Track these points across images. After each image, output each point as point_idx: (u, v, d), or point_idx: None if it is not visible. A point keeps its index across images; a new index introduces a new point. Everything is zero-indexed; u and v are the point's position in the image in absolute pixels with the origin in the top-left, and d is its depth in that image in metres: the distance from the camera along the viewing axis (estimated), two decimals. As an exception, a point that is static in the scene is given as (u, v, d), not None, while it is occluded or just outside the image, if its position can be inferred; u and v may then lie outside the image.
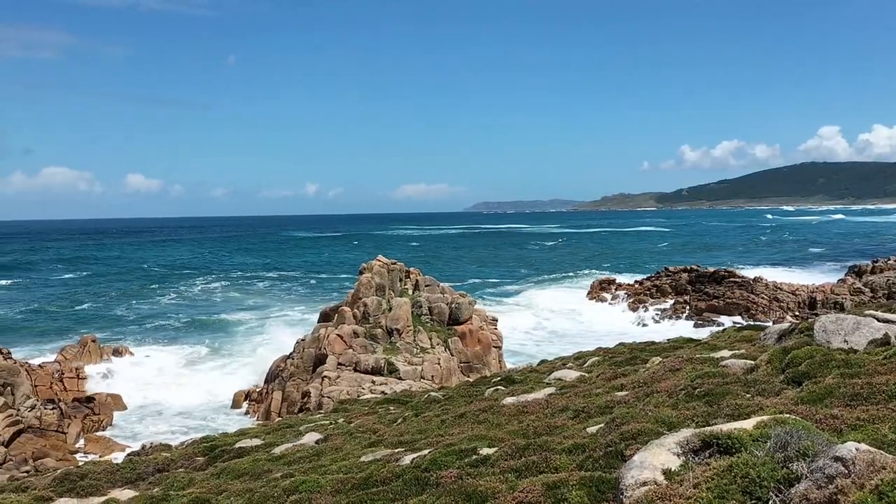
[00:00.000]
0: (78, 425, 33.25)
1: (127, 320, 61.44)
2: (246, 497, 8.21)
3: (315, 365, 36.43)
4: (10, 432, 29.95)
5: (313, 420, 18.42)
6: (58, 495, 12.03)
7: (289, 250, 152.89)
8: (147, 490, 10.93)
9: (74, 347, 44.09)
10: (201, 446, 15.20)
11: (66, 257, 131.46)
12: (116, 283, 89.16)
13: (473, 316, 40.99)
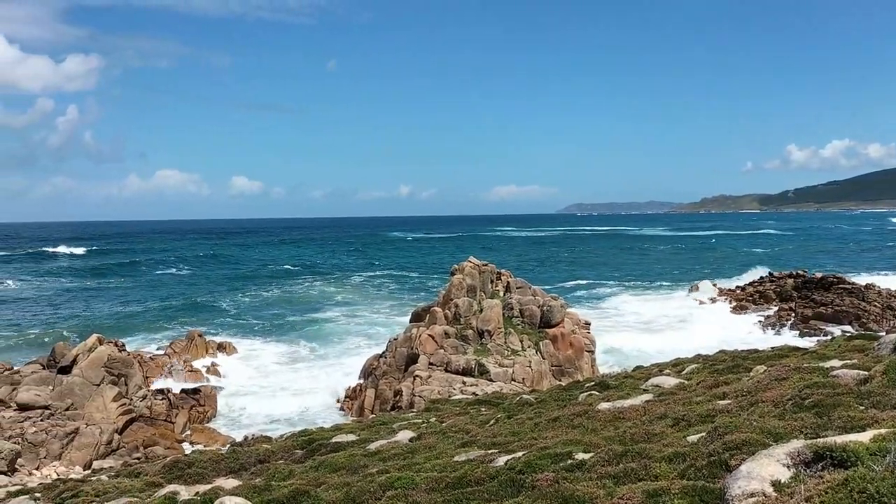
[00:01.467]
0: (185, 416, 34.93)
1: (231, 316, 64.05)
2: (343, 490, 8.41)
3: (407, 364, 36.93)
4: (124, 420, 31.78)
5: (406, 418, 18.67)
6: (167, 482, 12.69)
7: (382, 250, 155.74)
8: (250, 480, 11.37)
9: (182, 341, 46.38)
10: (299, 440, 15.69)
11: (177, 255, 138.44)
12: (222, 281, 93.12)
13: (566, 319, 40.52)
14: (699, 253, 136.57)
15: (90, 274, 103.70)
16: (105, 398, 32.10)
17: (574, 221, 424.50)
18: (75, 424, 28.99)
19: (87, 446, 28.36)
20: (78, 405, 31.24)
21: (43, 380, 33.66)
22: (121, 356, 35.48)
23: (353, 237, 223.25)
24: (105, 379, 33.14)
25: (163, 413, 34.42)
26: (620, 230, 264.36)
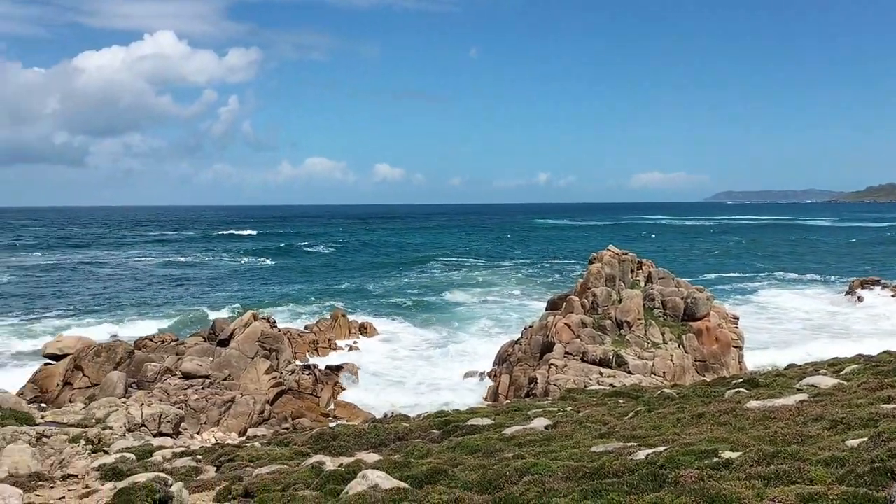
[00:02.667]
0: (329, 391, 36.66)
1: (373, 298, 66.38)
2: (480, 472, 8.51)
3: (542, 352, 36.75)
4: (274, 392, 33.80)
5: (541, 406, 18.60)
6: (314, 452, 13.37)
7: (521, 237, 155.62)
8: (390, 455, 11.76)
9: (327, 320, 48.63)
10: (436, 420, 16.03)
11: (325, 239, 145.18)
12: (365, 264, 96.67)
13: (711, 312, 38.77)
14: (871, 247, 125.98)
15: (253, 254, 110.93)
16: (258, 370, 34.26)
17: (724, 210, 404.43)
18: (232, 394, 31.15)
19: (242, 415, 30.42)
20: (234, 376, 33.55)
21: (204, 351, 36.41)
22: (272, 332, 37.68)
23: (492, 224, 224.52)
24: (258, 353, 35.35)
25: (309, 387, 36.29)
26: (778, 220, 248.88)
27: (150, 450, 16.02)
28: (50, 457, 18.52)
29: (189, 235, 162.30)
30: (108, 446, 19.19)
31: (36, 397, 32.52)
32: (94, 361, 34.38)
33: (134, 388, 31.88)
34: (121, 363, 34.83)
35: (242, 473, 11.30)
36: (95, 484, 12.31)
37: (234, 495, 9.78)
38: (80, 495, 11.42)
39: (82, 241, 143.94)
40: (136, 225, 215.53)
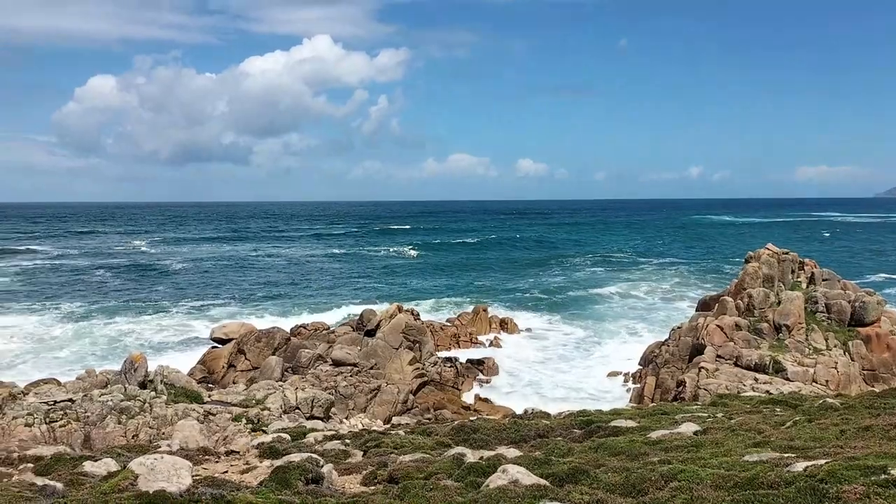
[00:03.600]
0: (470, 384, 37.13)
1: (514, 294, 66.46)
2: (623, 475, 8.32)
3: (691, 354, 35.28)
4: (417, 383, 34.69)
5: (689, 410, 17.87)
6: (455, 443, 13.59)
7: (670, 234, 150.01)
8: (530, 452, 11.75)
9: (468, 314, 49.24)
10: (578, 419, 15.82)
11: (465, 234, 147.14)
12: (507, 260, 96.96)
13: (882, 318, 35.63)
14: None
15: (398, 248, 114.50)
16: (402, 361, 35.29)
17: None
18: (378, 382, 32.30)
19: (387, 403, 31.46)
20: (380, 365, 34.76)
21: (352, 340, 37.99)
22: (416, 324, 38.67)
23: (639, 220, 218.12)
24: (402, 344, 36.41)
25: (451, 380, 36.93)
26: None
27: (303, 431, 16.92)
28: (215, 433, 20.05)
29: (341, 230, 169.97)
30: (266, 426, 20.49)
31: (204, 377, 35.28)
32: (254, 346, 36.79)
33: (289, 373, 33.84)
34: (278, 349, 37.05)
35: (387, 459, 11.69)
36: (255, 461, 13.18)
37: (380, 480, 10.14)
38: (241, 470, 12.26)
39: (246, 234, 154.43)
40: (294, 219, 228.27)
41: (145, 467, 7.93)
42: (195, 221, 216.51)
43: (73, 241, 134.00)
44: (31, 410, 20.17)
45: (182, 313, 56.11)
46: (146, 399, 21.50)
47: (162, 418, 20.56)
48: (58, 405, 20.70)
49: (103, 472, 10.20)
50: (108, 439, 19.40)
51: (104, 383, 24.19)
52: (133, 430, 20.00)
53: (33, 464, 12.89)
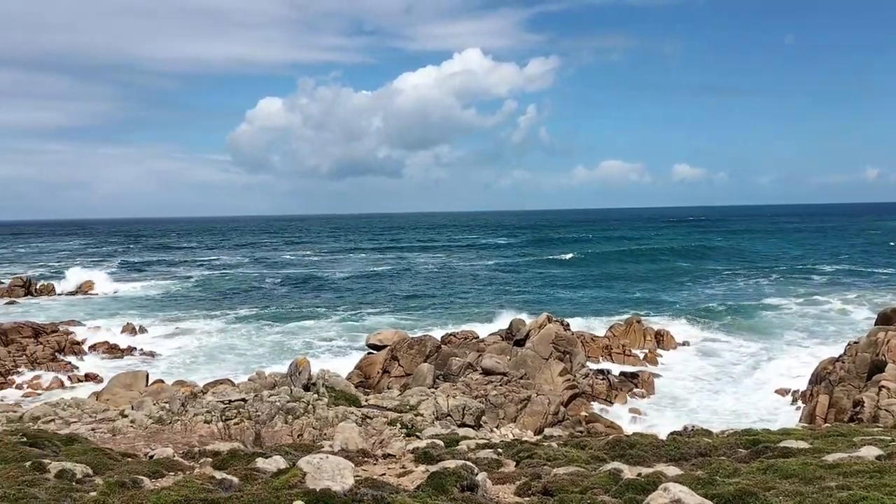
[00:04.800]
0: (623, 398, 36.12)
1: (669, 304, 64.04)
2: (796, 500, 7.77)
3: (870, 372, 32.33)
4: (568, 395, 34.22)
5: (869, 433, 16.37)
6: (610, 458, 13.25)
7: (842, 241, 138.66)
8: (692, 471, 11.23)
9: (621, 326, 47.98)
10: (743, 438, 14.94)
11: (619, 243, 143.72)
12: (660, 271, 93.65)
13: None
14: None
15: (548, 257, 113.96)
16: (552, 372, 34.97)
17: None
18: (528, 392, 32.17)
19: (537, 413, 31.26)
20: (530, 375, 34.63)
21: (502, 350, 38.14)
22: (566, 335, 38.21)
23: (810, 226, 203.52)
24: (552, 354, 36.08)
25: (603, 392, 36.12)
26: None
27: (456, 438, 17.17)
28: (372, 436, 20.78)
29: (490, 239, 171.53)
30: (419, 431, 20.98)
31: (360, 382, 36.73)
32: (407, 353, 37.84)
33: (440, 380, 34.50)
34: (429, 356, 37.89)
35: (540, 471, 11.60)
36: (410, 465, 13.53)
37: (534, 491, 10.08)
38: (397, 474, 12.62)
39: (399, 244, 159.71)
40: (444, 229, 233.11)
41: (312, 466, 8.36)
42: (353, 232, 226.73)
43: (245, 251, 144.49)
44: (209, 408, 21.88)
45: (340, 320, 58.83)
46: (310, 401, 22.69)
47: (324, 420, 21.61)
48: (232, 404, 22.31)
49: (273, 468, 10.86)
50: (276, 438, 20.64)
51: (272, 385, 25.80)
52: (298, 429, 21.17)
53: (212, 458, 13.92)
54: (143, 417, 21.68)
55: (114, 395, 32.61)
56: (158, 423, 21.37)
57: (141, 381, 35.12)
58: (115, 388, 34.19)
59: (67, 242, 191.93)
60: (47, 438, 13.54)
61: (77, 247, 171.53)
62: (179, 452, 15.80)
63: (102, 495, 7.91)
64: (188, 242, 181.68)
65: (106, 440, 18.43)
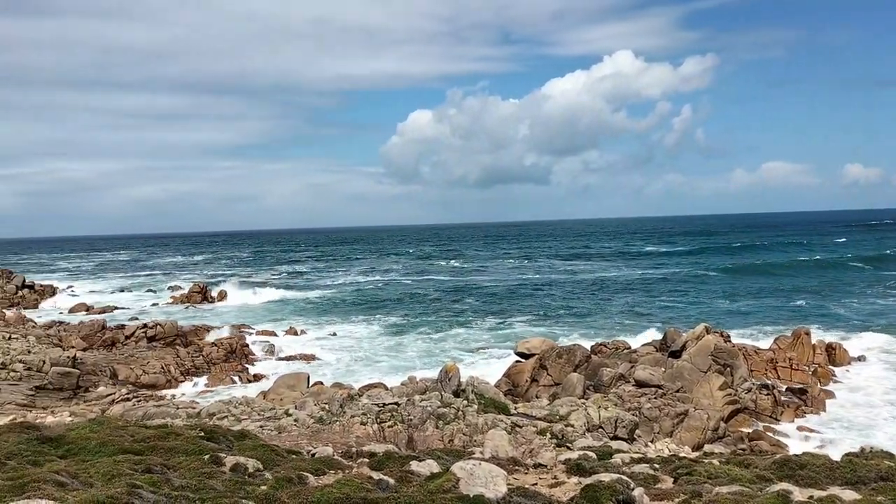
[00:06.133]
0: (790, 415, 33.76)
1: (839, 316, 59.20)
2: None
3: None
4: (729, 410, 32.44)
5: None
6: (778, 479, 12.40)
7: None
8: (871, 496, 10.30)
9: (787, 339, 44.88)
10: (933, 465, 13.49)
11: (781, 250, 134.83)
12: (833, 279, 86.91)
13: None
14: None
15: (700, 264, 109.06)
16: (711, 385, 33.31)
17: None
18: (685, 406, 30.84)
19: (695, 429, 29.87)
20: (686, 389, 33.18)
21: (656, 361, 36.81)
22: (726, 346, 36.30)
23: None
24: (711, 367, 34.38)
25: (767, 409, 33.95)
26: None
27: (609, 451, 16.75)
28: (522, 445, 20.73)
29: (642, 247, 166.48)
30: (570, 442, 20.68)
31: (508, 390, 36.77)
32: (556, 362, 37.45)
33: (590, 391, 33.82)
34: (579, 366, 37.28)
35: (701, 489, 11.06)
36: (562, 476, 13.35)
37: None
38: (549, 484, 12.49)
39: (547, 251, 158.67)
40: (593, 237, 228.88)
41: (465, 471, 8.46)
42: (500, 240, 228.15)
43: (397, 260, 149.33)
44: (365, 411, 22.73)
45: (488, 328, 59.28)
46: (460, 407, 23.00)
47: (474, 426, 21.81)
48: (386, 407, 23.05)
49: (426, 471, 11.09)
50: (428, 442, 21.09)
51: (423, 390, 26.39)
52: (449, 435, 21.51)
53: (368, 459, 14.44)
54: (305, 417, 22.88)
55: (279, 395, 34.67)
56: (319, 422, 22.47)
57: (303, 382, 37.11)
58: (280, 389, 36.33)
59: (239, 251, 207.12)
60: (222, 434, 14.60)
61: (246, 255, 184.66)
62: (338, 452, 16.53)
63: (272, 489, 8.41)
64: (344, 251, 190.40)
65: (273, 437, 19.62)
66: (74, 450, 11.00)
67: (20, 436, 11.96)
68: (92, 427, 13.39)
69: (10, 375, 35.60)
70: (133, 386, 40.14)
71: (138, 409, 29.30)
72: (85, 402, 35.19)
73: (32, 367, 36.56)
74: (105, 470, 9.09)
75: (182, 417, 24.15)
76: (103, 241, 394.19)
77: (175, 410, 27.71)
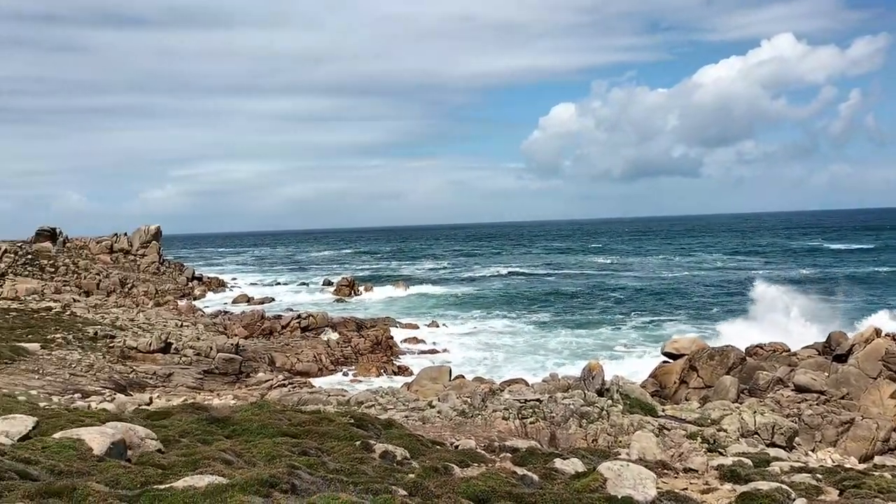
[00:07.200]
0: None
1: None
2: None
3: None
4: (903, 421, 29.69)
5: None
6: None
7: None
8: None
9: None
10: None
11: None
12: None
13: None
14: None
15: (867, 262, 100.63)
16: (882, 393, 30.65)
17: None
18: (850, 415, 28.57)
19: (863, 439, 27.60)
20: (852, 395, 30.72)
21: (818, 365, 34.34)
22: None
23: None
24: (881, 373, 31.61)
25: (949, 422, 30.74)
26: None
27: (766, 459, 15.85)
28: (670, 448, 20.02)
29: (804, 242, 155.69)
30: (723, 448, 19.74)
31: (655, 391, 35.60)
32: (707, 364, 35.85)
33: (745, 395, 32.08)
34: (732, 368, 35.48)
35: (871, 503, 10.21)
36: (714, 482, 12.76)
37: (865, 527, 8.89)
38: (700, 490, 11.98)
39: (697, 246, 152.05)
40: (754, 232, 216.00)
41: (613, 472, 8.27)
42: (647, 235, 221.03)
43: (540, 255, 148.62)
44: (506, 406, 22.80)
45: (633, 326, 57.69)
46: (604, 406, 22.54)
47: (619, 427, 21.31)
48: (528, 403, 23.00)
49: (571, 470, 10.96)
50: (571, 440, 20.83)
51: (565, 387, 26.10)
52: (592, 434, 21.14)
53: (511, 454, 14.48)
54: (448, 409, 23.29)
55: (422, 387, 35.51)
56: (461, 415, 22.79)
57: (445, 375, 37.80)
58: (423, 381, 37.20)
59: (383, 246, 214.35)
60: (370, 421, 15.15)
61: (390, 251, 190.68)
62: (481, 445, 16.69)
63: (419, 478, 8.62)
64: (486, 247, 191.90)
65: (417, 427, 20.13)
66: (239, 430, 11.81)
67: (192, 416, 13.00)
68: (253, 410, 14.32)
69: (182, 360, 38.77)
70: (288, 373, 42.55)
71: (293, 395, 31.05)
72: (246, 386, 37.71)
73: (201, 353, 39.64)
74: (266, 450, 9.69)
75: (333, 404, 25.30)
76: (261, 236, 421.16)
77: (326, 398, 29.11)
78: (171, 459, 8.75)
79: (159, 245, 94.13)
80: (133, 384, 33.69)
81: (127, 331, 43.07)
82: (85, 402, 25.66)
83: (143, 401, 27.63)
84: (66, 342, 37.22)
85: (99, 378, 32.84)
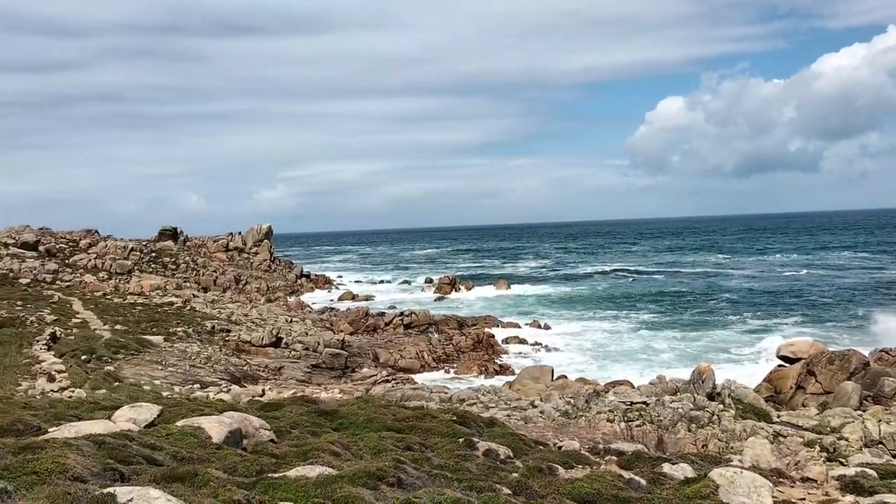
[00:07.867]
0: None
1: None
2: None
3: None
4: None
5: None
6: None
7: None
8: None
9: None
10: None
11: None
12: None
13: None
14: None
15: None
16: None
17: None
18: None
19: None
20: None
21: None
22: None
23: None
24: None
25: None
26: None
27: (892, 470, 14.82)
28: (786, 456, 19.07)
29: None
30: (843, 457, 18.63)
31: (770, 396, 34.00)
32: (826, 369, 33.93)
33: (868, 402, 30.12)
34: (854, 374, 33.43)
35: None
36: (835, 493, 12.06)
37: None
38: (819, 501, 11.36)
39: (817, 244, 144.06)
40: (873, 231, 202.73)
41: (725, 479, 7.95)
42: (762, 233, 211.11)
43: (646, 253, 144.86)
44: (611, 408, 22.36)
45: (746, 328, 55.26)
46: (714, 411, 21.73)
47: (730, 432, 20.49)
48: (634, 406, 22.48)
49: (680, 476, 10.62)
50: (679, 445, 20.20)
51: (674, 391, 25.32)
52: (702, 439, 20.41)
53: (616, 457, 14.19)
54: (550, 409, 23.09)
55: (523, 387, 35.36)
56: (564, 416, 22.54)
57: (547, 375, 37.49)
58: (525, 380, 37.03)
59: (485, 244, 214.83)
60: (473, 419, 15.22)
61: (491, 249, 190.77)
62: (585, 447, 16.46)
63: (523, 477, 8.59)
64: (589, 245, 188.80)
65: (519, 427, 20.06)
66: (346, 424, 12.14)
67: (301, 408, 13.47)
68: (359, 404, 14.68)
69: (292, 354, 40.25)
70: (392, 369, 43.38)
71: (397, 391, 31.64)
72: (352, 381, 38.74)
73: (309, 348, 41.03)
74: (372, 444, 9.91)
75: (435, 401, 25.61)
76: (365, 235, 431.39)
77: (429, 394, 29.49)
78: (284, 450, 9.10)
79: (270, 243, 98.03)
80: (247, 376, 35.28)
81: (241, 325, 45.15)
82: (203, 392, 27.08)
83: (256, 392, 28.87)
84: (187, 335, 39.42)
85: (216, 370, 34.59)
